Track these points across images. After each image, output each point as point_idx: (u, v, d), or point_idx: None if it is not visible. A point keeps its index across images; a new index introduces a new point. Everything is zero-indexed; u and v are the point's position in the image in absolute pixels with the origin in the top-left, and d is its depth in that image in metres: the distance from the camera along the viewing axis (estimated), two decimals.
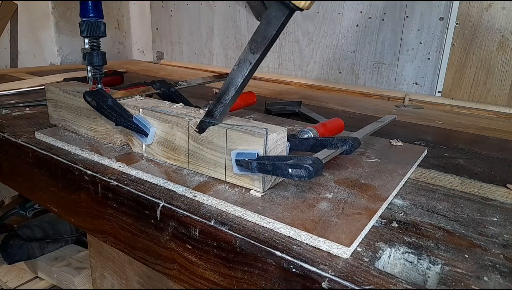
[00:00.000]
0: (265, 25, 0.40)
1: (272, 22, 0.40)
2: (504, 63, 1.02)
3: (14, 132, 0.63)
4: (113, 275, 0.71)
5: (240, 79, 0.42)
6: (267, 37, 0.40)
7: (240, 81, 0.42)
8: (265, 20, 0.40)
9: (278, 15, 0.39)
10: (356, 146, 0.48)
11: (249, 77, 0.43)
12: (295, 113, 0.84)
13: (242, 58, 0.42)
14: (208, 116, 0.45)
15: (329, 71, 1.32)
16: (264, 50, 0.41)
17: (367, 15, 1.20)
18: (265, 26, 0.40)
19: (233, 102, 0.45)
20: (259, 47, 0.41)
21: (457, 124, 0.87)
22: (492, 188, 0.51)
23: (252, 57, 0.41)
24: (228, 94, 0.44)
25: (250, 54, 0.41)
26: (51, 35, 1.59)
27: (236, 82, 0.43)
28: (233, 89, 0.43)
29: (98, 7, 0.57)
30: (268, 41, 0.40)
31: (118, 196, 0.46)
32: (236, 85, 0.43)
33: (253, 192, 0.43)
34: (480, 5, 1.02)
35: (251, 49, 0.41)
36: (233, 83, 0.43)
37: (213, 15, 1.56)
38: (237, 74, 0.43)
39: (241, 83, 0.43)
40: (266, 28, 0.40)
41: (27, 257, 1.14)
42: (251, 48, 0.41)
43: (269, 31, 0.40)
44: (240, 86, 0.43)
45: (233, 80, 0.43)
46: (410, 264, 0.34)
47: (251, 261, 0.35)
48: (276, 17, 0.39)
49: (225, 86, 0.44)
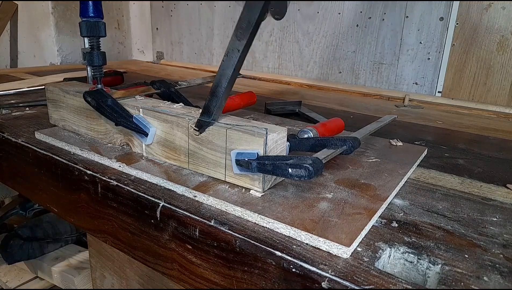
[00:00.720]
0: (247, 11, 0.40)
1: (254, 6, 0.39)
2: (504, 63, 1.02)
3: (14, 132, 0.63)
4: (113, 275, 0.71)
5: (230, 69, 0.42)
6: (251, 22, 0.40)
7: (231, 71, 0.42)
8: (247, 6, 0.40)
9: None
10: (356, 146, 0.48)
11: (239, 66, 0.42)
12: (295, 113, 0.84)
13: (230, 47, 0.42)
14: (204, 113, 0.45)
15: (329, 71, 1.32)
16: (250, 36, 0.40)
17: (367, 15, 1.20)
18: (247, 12, 0.40)
19: (227, 94, 0.44)
20: (244, 33, 0.40)
21: (457, 124, 0.87)
22: (492, 188, 0.51)
23: (239, 44, 0.41)
24: (221, 86, 0.43)
25: (237, 41, 0.41)
26: (51, 35, 1.59)
27: (227, 73, 0.42)
28: (225, 80, 0.43)
29: (98, 7, 0.57)
30: (252, 26, 0.40)
31: (118, 196, 0.46)
32: (227, 76, 0.43)
33: (253, 192, 0.43)
34: (480, 5, 1.02)
35: (237, 36, 0.41)
36: (224, 74, 0.43)
37: (213, 15, 1.56)
38: (227, 64, 0.42)
39: (232, 72, 0.42)
40: (249, 13, 0.40)
41: (27, 257, 1.14)
42: (237, 36, 0.41)
43: (252, 16, 0.40)
44: (231, 76, 0.42)
45: (224, 71, 0.43)
46: (410, 264, 0.34)
47: (251, 261, 0.35)
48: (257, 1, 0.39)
49: (217, 79, 0.43)
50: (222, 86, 0.43)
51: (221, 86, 0.43)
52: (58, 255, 1.17)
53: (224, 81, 0.43)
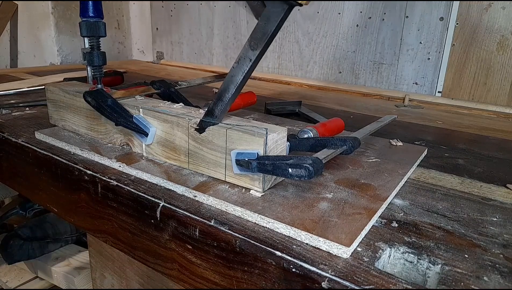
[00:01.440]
0: (264, 22, 0.40)
1: (271, 19, 0.40)
2: (504, 63, 1.02)
3: (14, 132, 0.63)
4: (113, 275, 0.71)
5: (240, 76, 0.42)
6: (266, 33, 0.40)
7: (240, 78, 0.42)
8: (265, 17, 0.40)
9: (277, 11, 0.39)
10: (356, 146, 0.48)
11: (249, 74, 0.43)
12: (295, 113, 0.84)
13: (242, 55, 0.42)
14: (208, 115, 0.45)
15: (329, 71, 1.32)
16: (264, 47, 0.41)
17: (367, 15, 1.20)
18: (264, 23, 0.40)
19: (233, 100, 0.45)
20: (258, 43, 0.41)
21: (457, 124, 0.87)
22: (492, 188, 0.51)
23: (252, 54, 0.41)
24: (228, 92, 0.44)
25: (250, 51, 0.41)
26: (51, 35, 1.59)
27: (236, 80, 0.43)
28: (233, 87, 0.43)
29: (98, 7, 0.57)
30: (267, 37, 0.40)
31: (118, 196, 0.46)
32: (236, 83, 0.43)
33: (253, 192, 0.43)
34: (480, 5, 1.02)
35: (251, 46, 0.41)
36: (233, 81, 0.43)
37: (213, 15, 1.56)
38: (237, 72, 0.42)
39: (241, 80, 0.42)
40: (265, 24, 0.40)
41: (27, 257, 1.14)
42: (250, 45, 0.41)
43: (268, 28, 0.40)
44: (240, 83, 0.43)
45: (233, 78, 0.43)
46: (410, 264, 0.34)
47: (251, 261, 0.35)
48: (275, 13, 0.39)
49: (225, 84, 0.44)
50: (229, 92, 0.43)
51: (229, 92, 0.43)
52: (58, 255, 1.17)
53: (232, 88, 0.43)
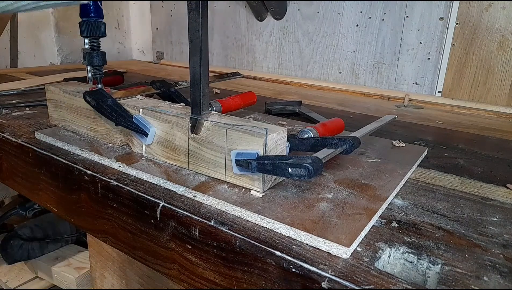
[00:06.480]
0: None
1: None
2: (504, 63, 1.02)
3: (14, 132, 0.63)
4: (113, 275, 0.71)
5: (198, 52, 0.42)
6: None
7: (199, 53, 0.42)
8: None
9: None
10: (356, 146, 0.48)
11: (205, 46, 0.41)
12: (295, 113, 0.84)
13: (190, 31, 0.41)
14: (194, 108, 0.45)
15: (329, 71, 1.32)
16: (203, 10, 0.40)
17: (367, 15, 1.19)
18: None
19: (207, 80, 0.44)
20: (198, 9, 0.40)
21: (457, 124, 0.87)
22: (492, 188, 0.51)
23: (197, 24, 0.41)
24: (196, 74, 0.43)
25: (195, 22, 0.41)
26: (51, 35, 1.59)
27: (196, 58, 0.42)
28: (198, 65, 0.42)
29: (98, 7, 0.57)
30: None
31: (118, 196, 0.46)
32: (198, 60, 0.42)
33: (253, 192, 0.43)
34: (480, 5, 1.02)
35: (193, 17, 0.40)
36: (194, 60, 0.42)
37: (213, 15, 1.56)
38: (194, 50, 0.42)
39: (200, 55, 0.42)
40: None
41: (27, 257, 1.14)
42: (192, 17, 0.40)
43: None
44: (202, 58, 0.42)
45: (194, 58, 0.42)
46: (410, 264, 0.34)
47: (251, 261, 0.35)
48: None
49: (191, 69, 0.43)
50: (196, 72, 0.43)
51: (196, 73, 0.43)
52: (58, 255, 1.17)
53: (197, 67, 0.42)
